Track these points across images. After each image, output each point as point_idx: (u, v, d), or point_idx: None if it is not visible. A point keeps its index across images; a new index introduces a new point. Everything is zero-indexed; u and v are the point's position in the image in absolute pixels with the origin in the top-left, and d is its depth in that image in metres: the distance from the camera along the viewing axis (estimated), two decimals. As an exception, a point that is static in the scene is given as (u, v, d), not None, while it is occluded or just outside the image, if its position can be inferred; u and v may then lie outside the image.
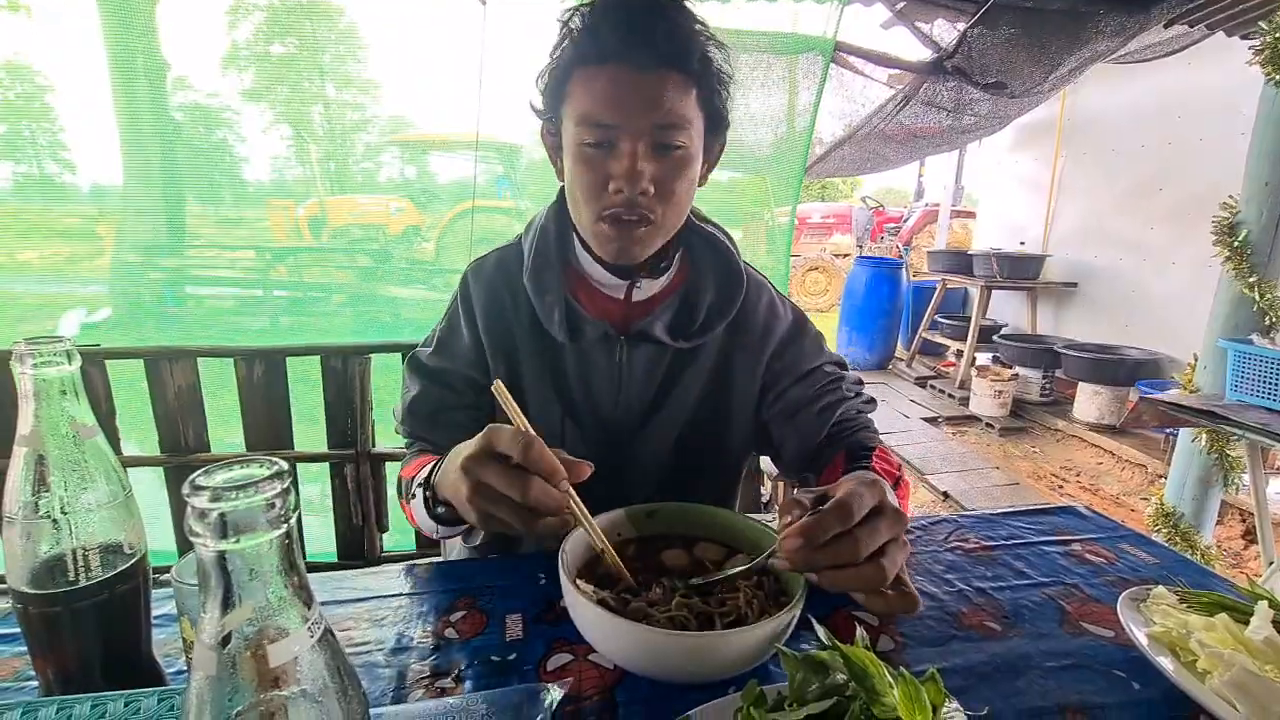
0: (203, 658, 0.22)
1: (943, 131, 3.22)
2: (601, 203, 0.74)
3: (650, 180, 0.72)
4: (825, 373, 0.91)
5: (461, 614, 0.65)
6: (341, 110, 3.32)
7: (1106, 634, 0.64)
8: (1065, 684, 0.57)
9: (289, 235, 3.53)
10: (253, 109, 2.90)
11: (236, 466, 0.23)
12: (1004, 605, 0.68)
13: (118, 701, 0.38)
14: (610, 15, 0.70)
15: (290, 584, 0.23)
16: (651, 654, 0.51)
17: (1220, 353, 1.73)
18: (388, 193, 4.07)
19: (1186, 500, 1.89)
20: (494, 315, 0.86)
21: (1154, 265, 4.20)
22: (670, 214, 0.76)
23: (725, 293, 0.87)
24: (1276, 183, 1.65)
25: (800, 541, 0.53)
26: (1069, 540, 0.83)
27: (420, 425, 0.88)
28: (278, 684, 0.23)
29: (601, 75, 0.70)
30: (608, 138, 0.71)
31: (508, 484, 0.55)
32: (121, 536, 0.45)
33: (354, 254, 4.11)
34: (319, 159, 3.28)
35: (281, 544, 0.23)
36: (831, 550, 0.53)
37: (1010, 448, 4.00)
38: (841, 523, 0.53)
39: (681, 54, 0.71)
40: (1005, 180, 5.68)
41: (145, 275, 2.89)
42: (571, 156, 0.75)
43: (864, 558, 0.54)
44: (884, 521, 0.55)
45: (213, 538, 0.21)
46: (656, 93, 0.70)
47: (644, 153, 0.71)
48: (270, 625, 0.23)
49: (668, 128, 0.71)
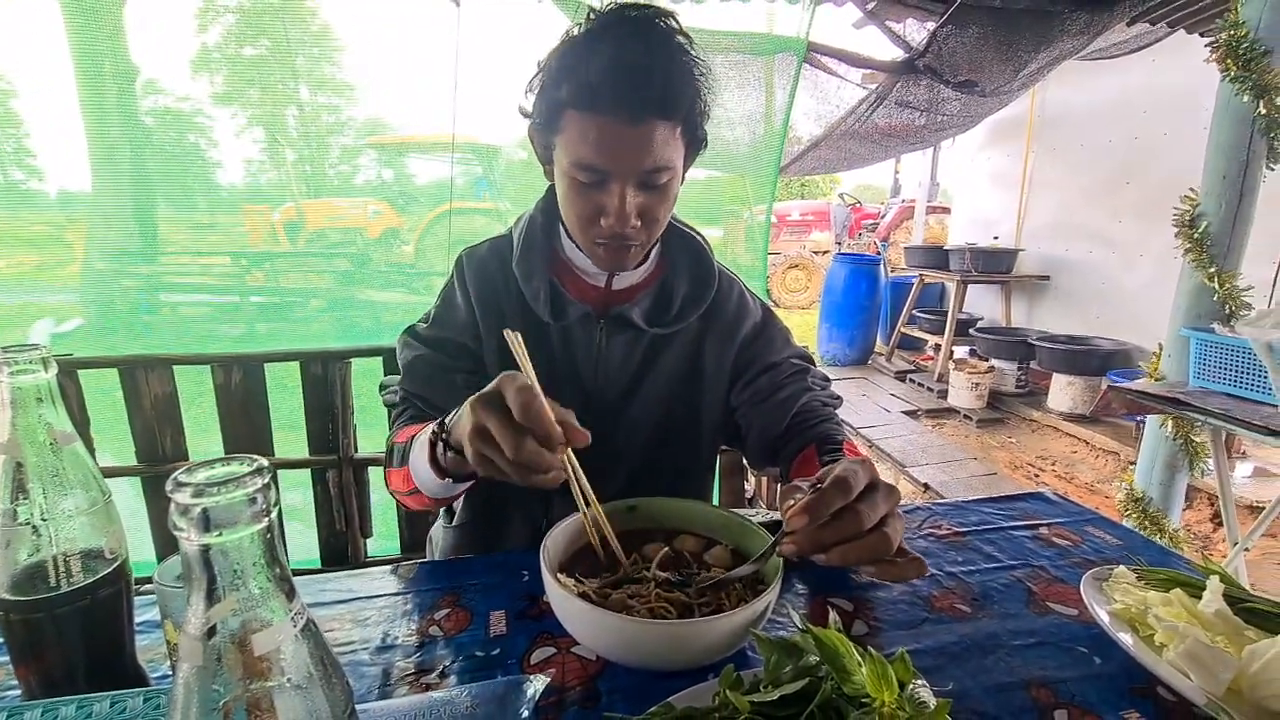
0: (189, 649, 0.23)
1: (916, 130, 3.28)
2: (594, 231, 0.79)
3: (638, 215, 0.77)
4: (791, 364, 0.96)
5: (445, 612, 0.66)
6: (316, 113, 3.28)
7: (1070, 613, 0.67)
8: (1031, 661, 0.59)
9: (265, 240, 3.48)
10: (225, 112, 2.86)
11: (218, 464, 0.24)
12: (974, 588, 0.71)
13: (103, 702, 0.38)
14: (605, 67, 0.69)
15: (272, 576, 0.24)
16: (633, 643, 0.52)
17: (1183, 341, 1.78)
18: (365, 196, 4.03)
19: (1155, 485, 1.94)
20: (487, 294, 0.90)
21: (1122, 258, 4.31)
22: (655, 231, 0.82)
23: (699, 286, 0.92)
24: (1234, 176, 1.71)
25: (805, 519, 0.56)
26: (1037, 524, 0.86)
27: (418, 384, 0.90)
28: (263, 674, 0.24)
29: (594, 124, 0.72)
30: (599, 177, 0.75)
31: (503, 435, 0.56)
32: (102, 542, 0.45)
33: (332, 258, 4.07)
34: (294, 162, 3.24)
35: (263, 537, 0.24)
36: (836, 526, 0.56)
37: (988, 439, 4.08)
38: (843, 497, 0.56)
39: (671, 104, 0.73)
40: (978, 176, 5.78)
41: (117, 283, 2.84)
42: (564, 182, 0.78)
43: (868, 529, 0.56)
44: (880, 495, 0.59)
45: (196, 532, 0.22)
46: (646, 143, 0.72)
47: (632, 191, 0.76)
48: (254, 616, 0.24)
49: (655, 171, 0.75)
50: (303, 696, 0.25)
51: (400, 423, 0.88)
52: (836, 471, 0.58)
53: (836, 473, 0.58)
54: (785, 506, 0.59)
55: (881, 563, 0.60)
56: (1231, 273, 1.74)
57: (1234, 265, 1.76)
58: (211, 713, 0.23)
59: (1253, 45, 1.62)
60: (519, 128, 0.88)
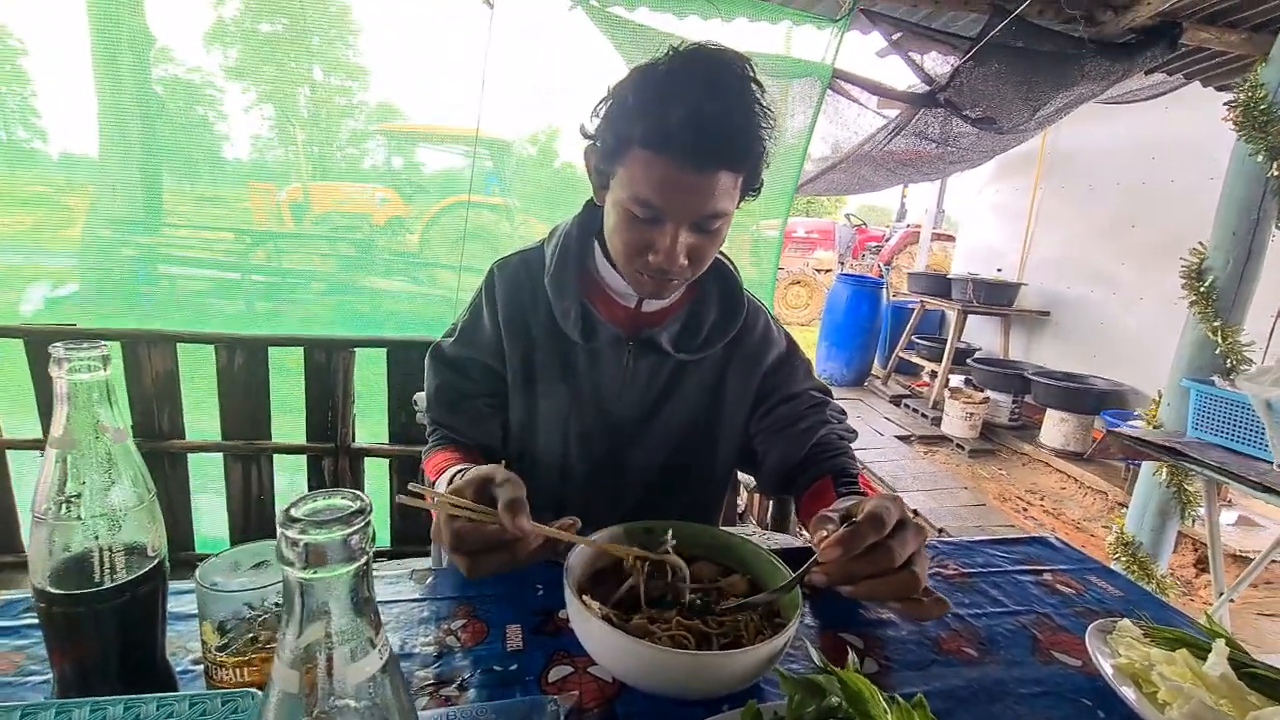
0: (282, 675, 0.24)
1: (930, 160, 3.31)
2: (639, 263, 0.80)
3: (686, 255, 0.78)
4: (810, 397, 0.97)
5: (462, 623, 0.66)
6: (328, 94, 3.27)
7: (1075, 663, 0.68)
8: (1037, 711, 0.60)
9: (270, 219, 3.46)
10: (236, 87, 2.85)
11: (320, 498, 0.25)
12: (980, 632, 0.72)
13: (117, 706, 0.38)
14: (683, 114, 0.69)
15: (364, 611, 0.25)
16: (652, 670, 0.53)
17: (1183, 391, 1.81)
18: (373, 181, 4.01)
19: (1146, 530, 1.97)
20: (515, 309, 0.91)
21: (1123, 300, 4.36)
22: (700, 270, 0.83)
23: (727, 314, 0.93)
24: (1244, 233, 1.74)
25: (839, 551, 0.57)
26: (1040, 570, 0.87)
27: (443, 413, 0.93)
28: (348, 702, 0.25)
29: (659, 165, 0.72)
30: (655, 215, 0.75)
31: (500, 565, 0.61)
32: (145, 539, 0.45)
33: (336, 242, 4.06)
34: (303, 143, 3.23)
35: (359, 573, 0.24)
36: (869, 559, 0.57)
37: (979, 469, 4.11)
38: (876, 533, 0.57)
39: (741, 156, 0.74)
40: (985, 208, 5.83)
41: (118, 251, 2.82)
42: (618, 212, 0.78)
43: (898, 566, 0.58)
44: (910, 533, 0.60)
45: (300, 566, 0.23)
46: (709, 190, 0.73)
47: (685, 233, 0.76)
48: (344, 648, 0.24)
49: (711, 216, 0.76)
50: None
51: (432, 446, 0.92)
52: (870, 507, 0.59)
53: (870, 508, 0.59)
54: (819, 537, 0.60)
55: (907, 600, 0.60)
56: (1235, 327, 1.77)
57: (1238, 320, 1.79)
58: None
59: (1270, 108, 1.66)
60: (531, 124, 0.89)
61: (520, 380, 0.91)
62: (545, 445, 0.93)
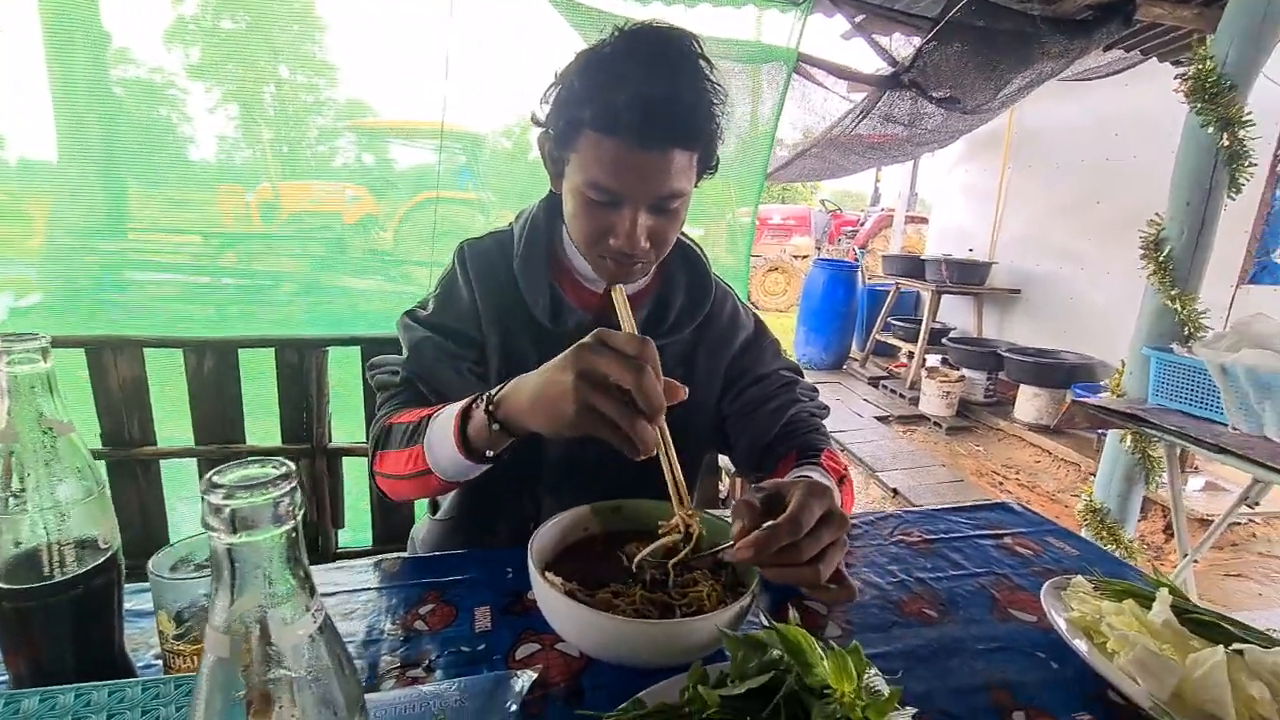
0: (214, 641, 0.24)
1: (898, 143, 3.34)
2: (601, 247, 0.80)
3: (647, 237, 0.78)
4: (780, 377, 0.98)
5: (430, 607, 0.67)
6: (295, 91, 3.21)
7: (1030, 619, 0.70)
8: (993, 665, 0.62)
9: (238, 221, 3.40)
10: (199, 87, 2.79)
11: (251, 465, 0.25)
12: (941, 594, 0.74)
13: (102, 691, 0.38)
14: (630, 94, 0.69)
15: (294, 575, 0.25)
16: (616, 641, 0.54)
17: (1144, 360, 1.86)
18: (343, 179, 3.95)
19: (1113, 497, 2.03)
20: (490, 285, 0.90)
21: (1090, 275, 4.45)
22: (662, 252, 0.83)
23: (695, 298, 0.94)
24: (1197, 203, 1.79)
25: (751, 553, 0.59)
26: (1001, 534, 0.90)
27: (425, 366, 0.87)
28: (283, 666, 0.25)
29: (611, 147, 0.71)
30: (612, 198, 0.75)
31: (621, 371, 0.57)
32: (96, 532, 0.45)
33: (307, 242, 3.99)
34: (270, 141, 3.17)
35: (287, 538, 0.25)
36: (776, 555, 0.59)
37: (956, 446, 4.18)
38: (791, 535, 0.58)
39: (693, 134, 0.74)
40: (956, 189, 5.90)
41: (81, 259, 2.75)
42: (575, 198, 0.78)
43: (804, 561, 0.59)
44: (828, 529, 0.61)
45: (225, 532, 0.23)
46: (664, 170, 0.73)
47: (644, 215, 0.76)
48: (276, 612, 0.25)
49: (669, 196, 0.76)
50: (319, 689, 0.26)
51: (396, 404, 0.86)
52: (792, 507, 0.60)
53: (791, 509, 0.60)
54: (737, 527, 0.61)
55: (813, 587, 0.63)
56: (1191, 295, 1.82)
57: (1194, 288, 1.84)
58: (233, 703, 0.24)
59: (1219, 80, 1.70)
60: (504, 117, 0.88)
61: (499, 354, 0.89)
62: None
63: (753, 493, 0.65)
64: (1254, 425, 1.50)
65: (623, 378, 0.56)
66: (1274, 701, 0.53)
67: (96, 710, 0.37)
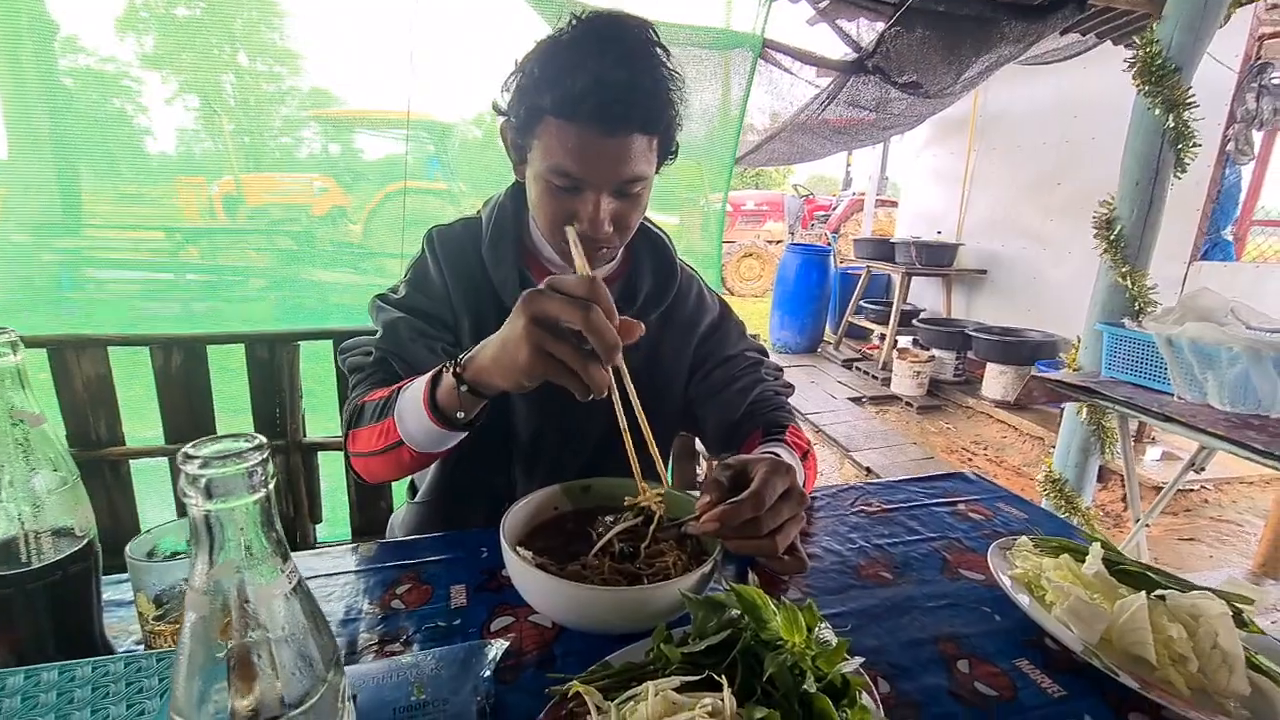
0: (194, 602, 0.26)
1: (865, 127, 3.39)
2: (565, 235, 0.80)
3: (611, 221, 0.80)
4: (746, 358, 1.02)
5: (407, 587, 0.69)
6: (256, 81, 3.14)
7: (979, 578, 0.75)
8: (941, 620, 0.67)
9: (201, 215, 3.32)
10: (154, 76, 2.71)
11: (225, 440, 0.27)
12: (896, 558, 0.78)
13: (85, 667, 0.40)
14: (588, 79, 0.70)
15: (269, 540, 0.27)
16: (585, 608, 0.57)
17: (1098, 335, 1.94)
18: (309, 171, 3.88)
19: (1070, 467, 2.11)
20: (460, 271, 0.91)
21: (1052, 254, 4.57)
22: (626, 237, 0.85)
23: (661, 284, 0.96)
24: (1146, 183, 1.86)
25: (715, 527, 0.63)
26: (955, 501, 0.94)
27: (399, 345, 0.88)
28: (260, 626, 0.27)
29: (572, 132, 0.73)
30: (574, 184, 0.77)
31: (570, 310, 0.57)
32: (71, 520, 0.46)
33: (274, 235, 3.92)
34: (232, 133, 3.10)
35: (260, 506, 0.27)
36: (739, 529, 0.63)
37: (927, 424, 4.29)
38: (753, 510, 0.62)
39: (651, 119, 0.76)
40: (924, 172, 6.00)
41: (37, 257, 2.68)
42: (538, 185, 0.80)
43: (762, 535, 0.63)
44: (787, 505, 0.65)
45: (201, 499, 0.25)
46: (624, 155, 0.75)
47: (607, 199, 0.78)
48: (252, 575, 0.27)
49: (630, 181, 0.78)
50: (295, 645, 0.28)
51: (369, 384, 0.87)
52: (755, 483, 0.64)
53: (755, 485, 0.64)
54: (703, 501, 0.65)
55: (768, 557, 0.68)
56: (1141, 272, 1.90)
57: (1144, 265, 1.92)
58: (214, 660, 0.26)
59: (1165, 63, 1.76)
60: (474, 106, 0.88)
61: (471, 339, 0.89)
62: (491, 410, 0.95)
63: (720, 470, 0.69)
64: (1198, 394, 1.58)
65: (572, 317, 0.57)
66: (1190, 640, 0.58)
67: (81, 684, 0.38)
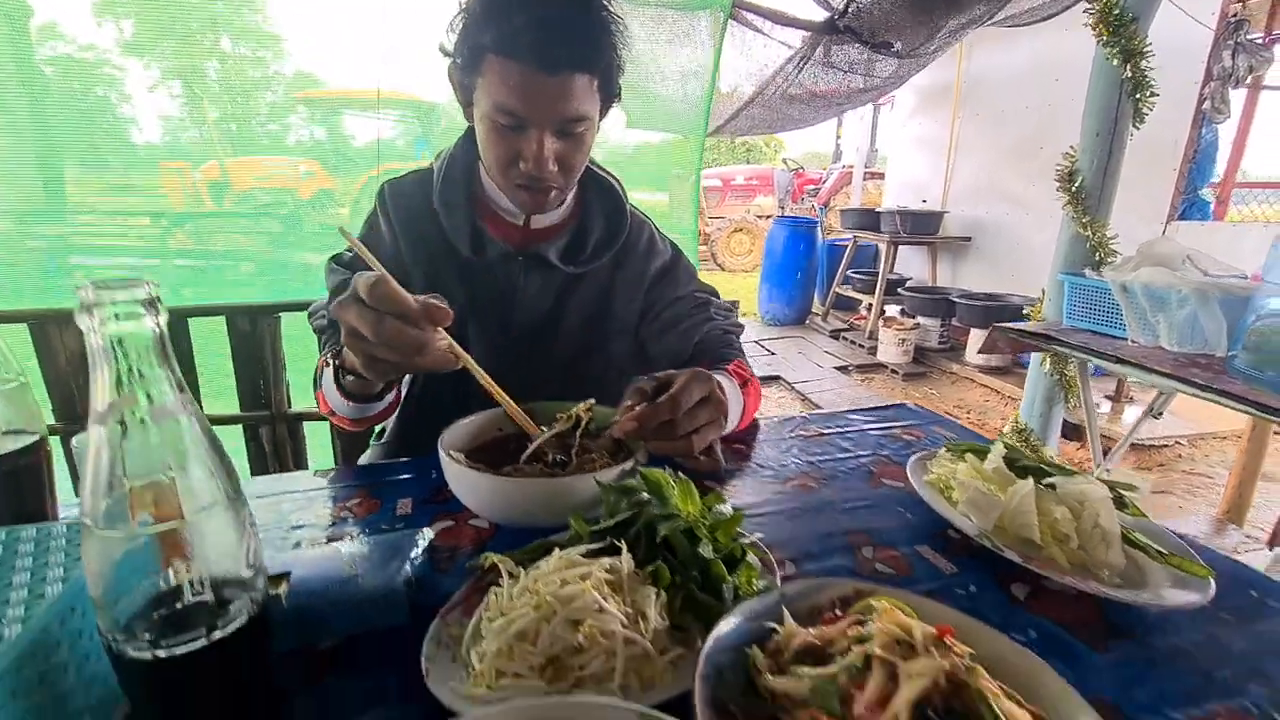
0: (96, 433, 0.30)
1: (846, 92, 3.39)
2: (512, 174, 0.85)
3: (555, 161, 0.83)
4: (695, 298, 1.05)
5: (358, 500, 0.73)
6: (240, 66, 3.14)
7: (899, 485, 0.79)
8: (856, 518, 0.71)
9: (188, 201, 3.33)
10: (136, 64, 2.71)
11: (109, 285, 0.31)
12: (824, 471, 0.83)
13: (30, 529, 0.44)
14: (525, 13, 0.73)
15: (163, 368, 0.31)
16: (512, 501, 0.61)
17: (1060, 285, 1.98)
18: (295, 155, 3.88)
19: (1035, 417, 2.17)
20: (411, 225, 0.95)
21: (1035, 219, 4.59)
22: (572, 178, 0.89)
23: (612, 228, 1.00)
24: (1105, 134, 1.89)
25: (635, 426, 0.67)
26: (892, 426, 0.99)
27: None
28: (159, 450, 0.31)
29: (514, 71, 0.76)
30: (518, 122, 0.80)
31: (362, 321, 0.59)
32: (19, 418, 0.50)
33: (261, 219, 3.93)
34: (217, 120, 3.10)
35: (154, 335, 0.31)
36: (656, 430, 0.67)
37: (912, 390, 4.35)
38: (670, 412, 0.67)
39: (590, 58, 0.78)
40: (909, 141, 5.99)
41: (21, 244, 2.70)
42: (484, 125, 0.83)
43: (679, 436, 0.68)
44: (704, 410, 0.70)
45: (99, 325, 0.29)
46: (564, 93, 0.78)
47: (550, 139, 0.81)
48: (149, 402, 0.31)
49: (572, 120, 0.80)
50: (191, 463, 0.32)
51: (330, 348, 0.90)
52: (674, 389, 0.68)
53: (674, 390, 0.68)
54: (624, 406, 0.69)
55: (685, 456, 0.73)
56: (1101, 222, 1.93)
57: (1104, 215, 1.96)
58: (117, 480, 0.31)
59: (1122, 13, 1.78)
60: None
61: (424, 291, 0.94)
62: None
63: (646, 380, 0.73)
64: (1150, 338, 1.62)
65: (365, 330, 0.59)
66: (1074, 520, 0.63)
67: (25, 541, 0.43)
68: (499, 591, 0.48)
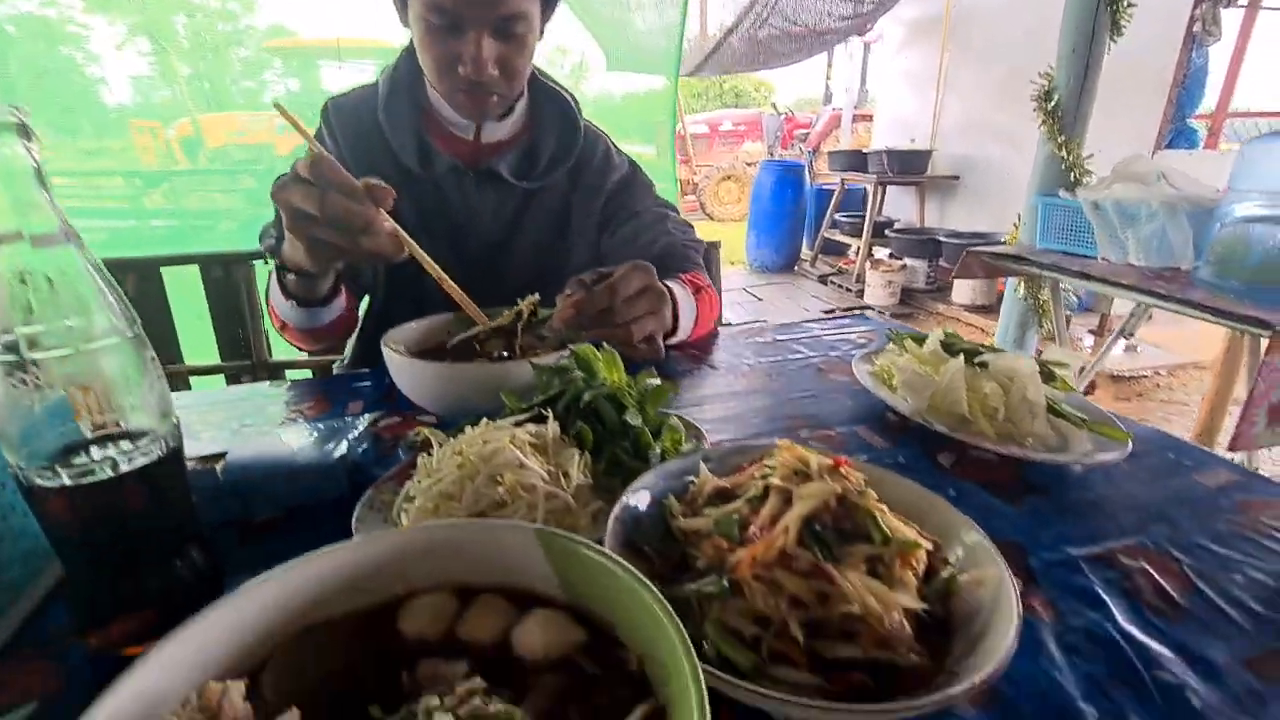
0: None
1: (830, 19, 3.29)
2: (453, 80, 0.82)
3: (495, 64, 0.81)
4: (653, 212, 1.04)
5: (310, 403, 0.75)
6: (210, 21, 3.04)
7: (844, 379, 0.81)
8: (799, 407, 0.73)
9: (161, 159, 3.25)
10: (100, 21, 2.61)
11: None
12: (772, 371, 0.84)
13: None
14: None
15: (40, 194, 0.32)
16: (450, 387, 0.63)
17: (1034, 208, 1.97)
18: (269, 110, 3.78)
19: (1009, 342, 2.18)
20: (357, 144, 0.93)
21: (1025, 156, 4.48)
22: (515, 83, 0.86)
23: (565, 142, 0.98)
24: (1081, 49, 1.85)
25: (572, 313, 0.66)
26: (849, 332, 1.00)
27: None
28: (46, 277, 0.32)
29: None
30: (451, 21, 0.77)
31: (307, 198, 0.58)
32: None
33: (238, 176, 3.84)
34: (189, 77, 3.01)
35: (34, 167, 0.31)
36: (594, 318, 0.66)
37: (897, 331, 4.36)
38: (607, 300, 0.66)
39: None
40: (897, 77, 5.84)
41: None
42: (419, 28, 0.80)
43: (616, 324, 0.67)
44: (644, 299, 0.68)
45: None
46: None
47: (488, 40, 0.79)
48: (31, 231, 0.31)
49: (510, 18, 0.78)
50: (79, 293, 0.33)
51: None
52: (613, 278, 0.67)
53: (612, 279, 0.67)
54: (563, 296, 0.69)
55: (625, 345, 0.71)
56: (1076, 140, 1.91)
57: (1080, 134, 1.93)
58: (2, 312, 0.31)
59: (1101, -82, 1.72)
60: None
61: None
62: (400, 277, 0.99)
63: (589, 273, 0.73)
64: (1119, 254, 1.63)
65: (309, 205, 0.59)
66: (1003, 395, 0.65)
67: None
68: (428, 458, 0.49)
